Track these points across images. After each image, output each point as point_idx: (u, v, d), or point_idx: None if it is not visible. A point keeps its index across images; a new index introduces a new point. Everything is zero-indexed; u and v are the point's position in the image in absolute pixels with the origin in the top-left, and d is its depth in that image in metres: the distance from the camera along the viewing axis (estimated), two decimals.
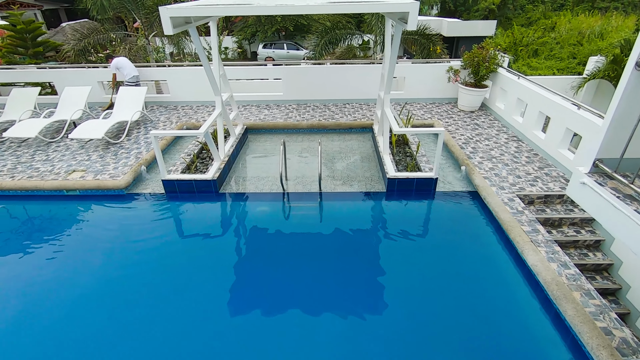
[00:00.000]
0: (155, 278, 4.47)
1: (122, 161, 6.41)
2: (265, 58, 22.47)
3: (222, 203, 5.90)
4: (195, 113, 8.71)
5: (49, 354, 3.51)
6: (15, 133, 6.89)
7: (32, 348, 3.56)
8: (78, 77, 9.13)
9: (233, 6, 4.68)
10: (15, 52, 12.07)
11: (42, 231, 5.45)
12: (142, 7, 11.17)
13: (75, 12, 30.34)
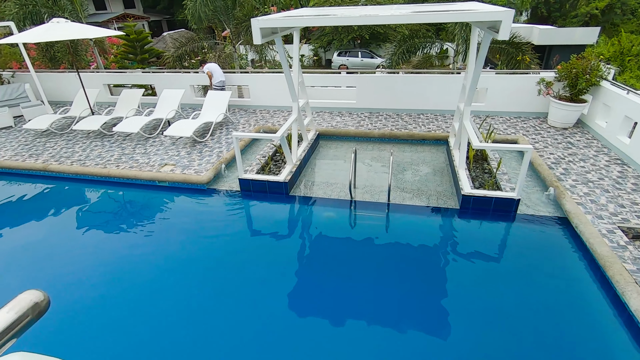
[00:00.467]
0: (221, 269, 4.78)
1: (206, 158, 7.00)
2: (340, 66, 22.86)
3: (291, 205, 6.11)
4: (272, 117, 9.18)
5: (122, 322, 3.95)
6: (122, 128, 7.94)
7: (112, 313, 4.05)
8: (174, 80, 10.22)
9: (319, 17, 4.84)
10: (126, 58, 13.95)
11: (135, 215, 6.20)
12: (232, 18, 12.16)
13: (174, 23, 34.18)
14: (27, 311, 0.61)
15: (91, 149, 7.74)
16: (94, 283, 4.60)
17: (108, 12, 28.93)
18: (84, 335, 3.87)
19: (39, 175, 7.18)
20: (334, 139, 8.18)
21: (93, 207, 6.53)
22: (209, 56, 15.98)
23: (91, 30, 8.25)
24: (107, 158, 7.25)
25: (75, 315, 4.11)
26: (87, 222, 6.05)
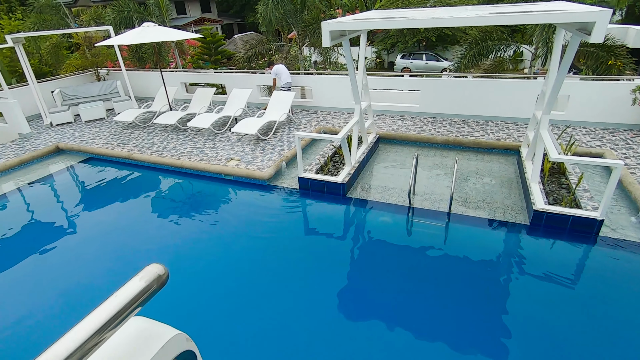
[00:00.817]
0: (275, 262, 4.94)
1: (268, 155, 7.31)
2: (402, 69, 22.38)
3: (347, 207, 6.13)
4: (333, 118, 9.29)
5: (180, 306, 4.26)
6: (195, 123, 8.60)
7: (176, 290, 4.39)
8: (243, 80, 10.81)
9: (390, 20, 4.80)
10: (201, 59, 15.06)
11: (201, 205, 6.68)
12: (300, 21, 12.54)
13: (244, 26, 36.09)
14: (153, 282, 0.70)
15: (168, 141, 8.49)
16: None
17: (187, 16, 31.48)
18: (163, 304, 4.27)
19: (124, 163, 8.05)
20: (394, 143, 8.04)
21: (166, 194, 7.16)
22: (274, 58, 16.64)
23: (175, 33, 9.05)
24: (180, 150, 7.90)
25: None
26: (160, 207, 6.66)
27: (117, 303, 0.65)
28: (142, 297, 0.68)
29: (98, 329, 0.61)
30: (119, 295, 0.66)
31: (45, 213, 6.80)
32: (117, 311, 0.64)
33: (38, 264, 5.29)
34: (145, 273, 0.70)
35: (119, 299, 0.66)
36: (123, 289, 0.67)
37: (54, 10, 17.10)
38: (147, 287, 0.68)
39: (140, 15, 14.63)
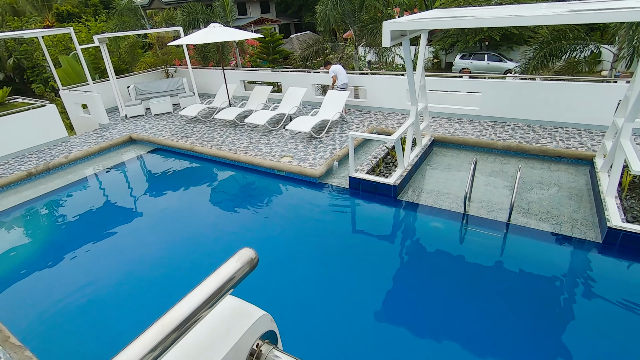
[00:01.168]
0: (321, 259, 5.00)
1: (320, 154, 7.42)
2: (461, 70, 21.40)
3: (398, 209, 6.03)
4: (386, 119, 9.17)
5: None
6: (251, 120, 8.97)
7: None
8: (298, 79, 11.05)
9: (455, 19, 4.63)
10: (260, 58, 15.63)
11: (254, 197, 6.97)
12: (358, 20, 12.52)
13: (301, 26, 36.76)
14: (247, 264, 0.77)
15: (226, 135, 8.96)
16: (210, 250, 5.37)
17: (248, 16, 32.81)
18: None
19: (187, 154, 8.65)
20: (450, 147, 7.74)
21: (222, 185, 7.58)
22: (329, 57, 16.79)
23: (238, 33, 9.50)
24: (237, 145, 8.30)
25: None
26: (216, 196, 7.08)
27: (218, 281, 0.72)
28: (238, 277, 0.74)
29: (201, 304, 0.68)
30: (219, 273, 0.73)
31: (118, 196, 7.54)
32: (217, 288, 0.71)
33: (109, 241, 5.89)
34: (240, 255, 0.76)
35: (220, 277, 0.73)
36: (222, 269, 0.74)
37: (132, 13, 18.79)
38: (242, 268, 0.74)
39: (207, 17, 15.57)
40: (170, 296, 4.59)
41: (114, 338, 4.01)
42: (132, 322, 4.18)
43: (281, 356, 0.78)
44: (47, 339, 4.00)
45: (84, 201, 7.36)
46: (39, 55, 18.78)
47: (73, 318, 4.36)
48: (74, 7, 28.20)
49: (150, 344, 0.61)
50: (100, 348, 3.93)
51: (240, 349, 0.75)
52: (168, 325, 0.64)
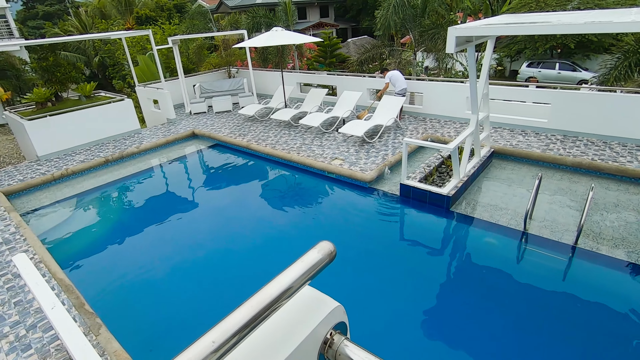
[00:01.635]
0: (366, 265, 4.95)
1: (371, 159, 7.37)
2: (528, 78, 20.03)
3: (450, 221, 5.81)
4: (442, 127, 8.87)
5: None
6: (306, 121, 9.17)
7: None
8: (353, 83, 11.09)
9: (530, 25, 4.37)
10: (317, 61, 15.92)
11: (302, 197, 7.11)
12: (418, 25, 12.28)
13: (358, 30, 36.83)
14: (326, 256, 0.81)
15: (281, 135, 9.25)
16: (255, 244, 5.57)
17: (307, 20, 33.59)
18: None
19: (243, 151, 9.07)
20: (511, 160, 7.29)
21: (273, 183, 7.84)
22: (386, 62, 16.63)
23: (299, 37, 9.77)
24: (291, 145, 8.53)
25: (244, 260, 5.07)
26: (267, 193, 7.35)
27: (299, 270, 0.77)
28: (317, 268, 0.78)
29: (282, 292, 0.73)
30: (301, 263, 0.78)
31: (177, 186, 8.12)
32: (299, 277, 0.76)
33: (167, 226, 6.35)
34: (321, 247, 0.80)
35: (301, 266, 0.77)
36: (304, 259, 0.79)
37: (201, 17, 20.14)
38: (322, 259, 0.79)
39: (269, 21, 16.21)
40: (216, 281, 4.86)
41: (168, 312, 4.34)
42: (183, 301, 4.50)
43: (351, 346, 0.81)
44: (112, 308, 4.42)
45: (149, 188, 8.04)
46: (120, 55, 20.81)
47: (133, 292, 4.78)
48: (152, 11, 30.85)
49: (234, 328, 0.66)
50: (157, 320, 4.26)
51: (316, 337, 0.80)
52: (252, 309, 0.69)
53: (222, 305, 4.45)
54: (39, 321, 3.88)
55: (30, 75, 18.69)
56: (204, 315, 4.27)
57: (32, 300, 4.18)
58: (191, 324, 4.18)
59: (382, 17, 12.18)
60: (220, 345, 0.61)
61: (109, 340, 3.63)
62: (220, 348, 0.61)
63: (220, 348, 0.61)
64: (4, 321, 3.92)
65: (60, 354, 3.45)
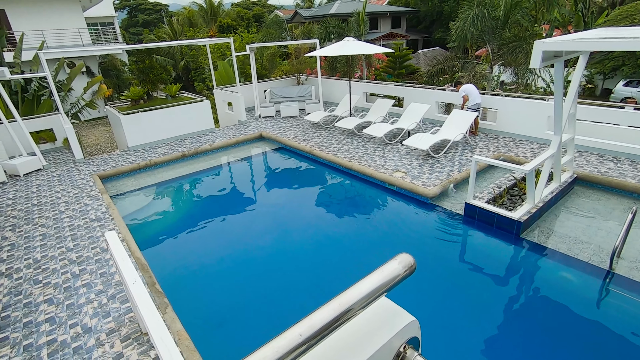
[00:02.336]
0: (422, 286, 4.74)
1: (435, 174, 7.11)
2: (624, 99, 17.80)
3: (519, 249, 5.36)
4: (516, 147, 8.25)
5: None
6: (369, 131, 9.15)
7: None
8: (421, 95, 10.81)
9: (632, 40, 3.90)
10: (385, 71, 15.83)
11: (360, 207, 7.08)
12: (498, 38, 11.61)
13: (429, 41, 35.89)
14: (407, 268, 0.81)
15: (343, 143, 9.34)
16: (308, 246, 5.63)
17: (378, 31, 33.60)
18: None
19: (306, 156, 9.32)
20: (598, 189, 6.52)
21: (332, 189, 7.94)
22: (457, 75, 15.96)
23: (370, 47, 9.82)
24: (352, 153, 8.56)
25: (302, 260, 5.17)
26: (324, 199, 7.46)
27: (378, 280, 0.78)
28: (397, 279, 0.79)
29: (359, 300, 0.75)
30: (380, 273, 0.79)
31: (241, 184, 8.60)
32: (377, 287, 0.77)
33: (228, 220, 6.75)
34: (402, 259, 0.81)
35: (380, 277, 0.79)
36: (384, 269, 0.80)
37: (277, 26, 21.22)
38: (402, 271, 0.79)
39: (341, 31, 16.53)
40: (270, 277, 5.04)
41: (227, 301, 4.60)
42: (241, 291, 4.73)
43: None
44: (178, 290, 4.80)
45: (216, 183, 8.64)
46: (202, 59, 22.76)
47: (198, 277, 5.16)
48: (233, 21, 33.33)
49: (319, 324, 0.69)
50: (216, 307, 4.54)
51: (390, 349, 0.80)
52: (334, 311, 0.72)
53: (272, 300, 4.61)
54: (118, 293, 4.36)
55: (128, 75, 21.24)
56: (256, 308, 4.46)
57: (114, 273, 4.72)
58: (246, 314, 4.39)
59: (458, 28, 11.74)
60: (306, 339, 0.65)
61: (174, 320, 3.95)
62: (305, 342, 0.65)
63: (305, 342, 0.65)
64: (91, 289, 4.47)
65: (133, 325, 3.84)
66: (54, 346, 3.64)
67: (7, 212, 6.70)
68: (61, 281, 4.65)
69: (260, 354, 0.62)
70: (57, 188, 7.66)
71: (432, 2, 32.90)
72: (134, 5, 52.95)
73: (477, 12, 11.30)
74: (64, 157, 9.73)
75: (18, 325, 3.96)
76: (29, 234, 5.86)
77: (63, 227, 6.02)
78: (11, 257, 5.26)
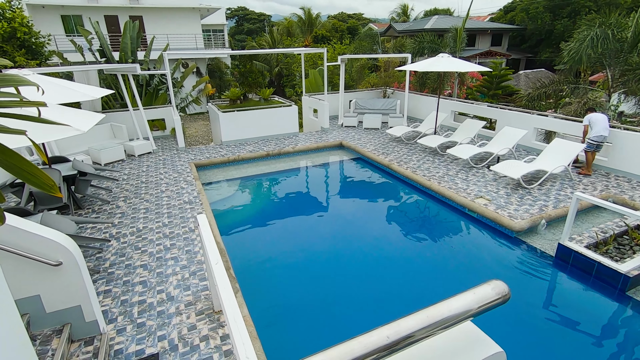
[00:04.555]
0: (496, 331, 4.30)
1: (525, 207, 6.46)
2: None
3: (623, 307, 4.58)
4: (632, 188, 7.08)
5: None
6: (454, 151, 8.70)
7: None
8: (518, 119, 9.92)
9: None
10: (479, 91, 14.92)
11: (435, 231, 6.75)
12: (622, 62, 10.14)
13: (533, 62, 32.83)
14: (500, 296, 0.78)
15: (424, 161, 9.04)
16: (374, 260, 5.50)
17: (475, 48, 31.86)
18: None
19: (383, 169, 9.24)
20: None
21: (406, 207, 7.72)
22: (563, 101, 14.29)
23: (464, 65, 9.38)
24: (433, 173, 8.23)
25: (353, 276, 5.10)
26: (398, 217, 7.28)
27: (469, 301, 0.76)
28: (487, 305, 0.77)
29: (444, 319, 0.74)
30: (470, 295, 0.78)
31: (316, 188, 8.86)
32: (467, 308, 0.76)
33: (299, 221, 6.99)
34: (496, 285, 0.79)
35: (470, 299, 0.77)
36: (474, 292, 0.78)
37: (370, 39, 21.50)
38: (495, 298, 0.76)
39: (435, 46, 16.08)
40: (332, 281, 5.08)
41: (289, 295, 4.78)
42: (299, 291, 4.87)
43: None
44: (248, 277, 5.13)
45: (293, 184, 9.05)
46: (295, 67, 24.11)
47: (267, 269, 5.46)
48: (327, 32, 34.70)
49: (406, 331, 0.70)
50: (280, 299, 4.75)
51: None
52: (423, 321, 0.73)
53: (328, 307, 4.65)
54: (198, 270, 4.84)
55: (229, 77, 23.47)
56: (314, 308, 4.55)
57: (197, 252, 5.25)
58: (307, 312, 4.51)
59: (572, 50, 10.52)
60: (392, 342, 0.67)
61: (241, 304, 4.24)
62: (391, 346, 0.67)
63: (391, 346, 0.67)
64: (177, 262, 5.04)
65: (207, 302, 4.22)
66: (143, 306, 4.19)
67: (122, 185, 7.91)
68: (155, 251, 5.32)
69: (347, 346, 0.66)
70: (161, 170, 8.80)
71: (542, 20, 30.11)
72: (242, 15, 58.60)
73: (599, 33, 10.02)
74: (170, 144, 11.14)
75: (119, 282, 4.64)
76: (136, 206, 6.83)
77: (162, 204, 6.89)
78: (121, 223, 6.20)
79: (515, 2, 36.10)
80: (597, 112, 7.76)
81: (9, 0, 11.80)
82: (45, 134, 4.31)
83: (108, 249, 5.42)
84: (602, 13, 11.17)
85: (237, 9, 59.16)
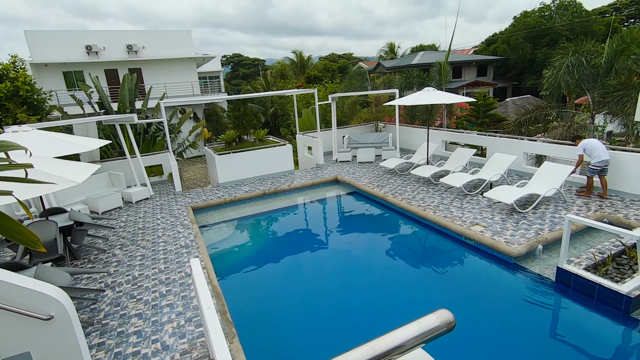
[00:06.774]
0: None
1: (521, 231, 6.46)
2: None
3: (629, 331, 4.46)
4: (626, 207, 7.12)
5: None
6: (447, 180, 8.82)
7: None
8: (507, 145, 10.14)
9: None
10: (467, 120, 15.35)
11: (430, 260, 6.72)
12: (600, 86, 10.57)
13: (520, 89, 33.98)
14: (444, 324, 0.83)
15: (418, 191, 9.13)
16: (373, 293, 5.41)
17: (462, 79, 33.12)
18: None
19: (379, 202, 9.30)
20: None
21: (403, 239, 7.72)
22: (551, 125, 14.69)
23: (449, 97, 9.76)
24: (427, 202, 8.30)
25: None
26: (395, 248, 7.25)
27: (414, 330, 0.82)
28: (432, 334, 0.82)
29: (393, 348, 0.79)
30: (417, 325, 0.83)
31: (314, 224, 8.85)
32: (412, 337, 0.81)
33: (298, 259, 6.93)
34: (440, 314, 0.84)
35: (417, 327, 0.83)
36: (421, 321, 0.84)
37: (359, 77, 22.43)
38: (439, 326, 0.82)
39: (421, 80, 16.76)
40: (333, 319, 4.96)
41: (290, 338, 4.64)
42: (306, 329, 4.73)
43: None
44: (245, 321, 5.02)
45: (291, 222, 9.06)
46: (289, 107, 24.93)
47: (265, 311, 5.34)
48: (319, 72, 36.22)
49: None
50: (280, 343, 4.61)
51: None
52: (367, 354, 0.77)
53: (333, 343, 4.51)
54: (194, 316, 4.75)
55: (225, 120, 24.15)
56: (316, 351, 4.41)
57: (193, 297, 5.18)
58: (308, 357, 4.37)
59: (550, 77, 11.01)
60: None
61: (238, 350, 4.13)
62: None
63: None
64: (173, 309, 4.95)
65: (203, 349, 4.11)
66: (137, 358, 4.07)
67: (119, 232, 7.92)
68: (151, 299, 5.25)
69: None
70: (158, 215, 8.85)
71: (522, 50, 31.57)
72: (237, 61, 61.33)
73: (573, 60, 10.53)
74: (167, 189, 11.27)
75: (113, 333, 4.54)
76: (132, 254, 6.81)
77: (158, 250, 6.88)
78: (117, 272, 6.16)
79: (496, 35, 38.06)
80: (588, 139, 7.88)
81: (12, 62, 12.46)
82: (34, 189, 4.43)
83: (103, 299, 5.34)
84: (576, 42, 11.81)
85: (232, 56, 62.04)
